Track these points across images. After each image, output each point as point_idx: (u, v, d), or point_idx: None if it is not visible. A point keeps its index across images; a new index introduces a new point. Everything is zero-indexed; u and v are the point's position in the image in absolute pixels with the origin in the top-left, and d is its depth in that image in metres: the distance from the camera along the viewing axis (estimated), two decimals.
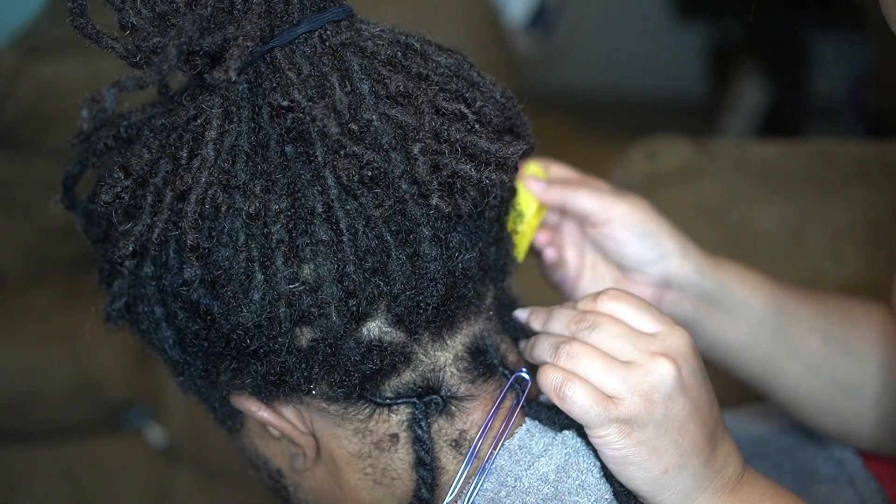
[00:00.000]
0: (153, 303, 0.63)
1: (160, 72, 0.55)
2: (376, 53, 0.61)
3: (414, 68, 0.61)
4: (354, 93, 0.59)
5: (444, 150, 0.59)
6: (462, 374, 0.64)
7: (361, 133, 0.58)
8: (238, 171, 0.58)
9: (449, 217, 0.61)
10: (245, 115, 0.59)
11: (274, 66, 0.59)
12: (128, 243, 0.59)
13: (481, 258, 0.64)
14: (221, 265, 0.58)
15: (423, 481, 0.63)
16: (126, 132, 0.64)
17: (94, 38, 0.61)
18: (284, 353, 0.60)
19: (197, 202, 0.57)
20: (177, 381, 0.68)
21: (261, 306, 0.58)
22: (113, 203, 0.60)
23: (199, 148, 0.58)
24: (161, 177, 0.59)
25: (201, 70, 0.59)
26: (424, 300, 0.60)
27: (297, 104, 0.58)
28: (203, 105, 0.59)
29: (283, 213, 0.58)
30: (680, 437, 0.60)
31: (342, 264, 0.58)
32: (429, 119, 0.59)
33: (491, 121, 0.62)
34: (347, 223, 0.58)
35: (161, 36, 0.58)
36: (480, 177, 0.59)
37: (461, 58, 0.65)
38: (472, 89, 0.63)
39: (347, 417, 0.64)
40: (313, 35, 0.60)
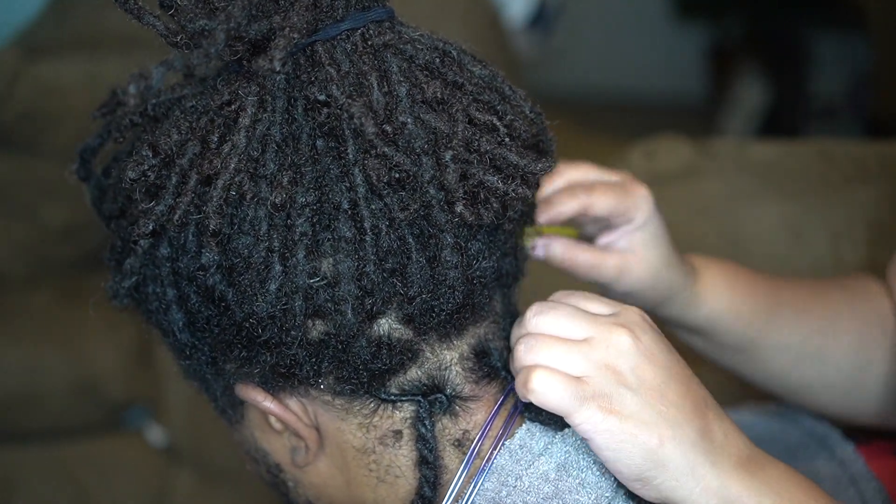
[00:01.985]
0: (166, 284, 0.62)
1: (207, 55, 0.56)
2: (415, 57, 0.61)
3: (450, 76, 0.62)
4: (391, 94, 0.59)
5: (473, 160, 0.60)
6: (467, 375, 0.65)
7: (395, 135, 0.58)
8: (267, 160, 0.58)
9: (469, 226, 0.61)
10: (279, 106, 0.59)
11: (313, 60, 0.59)
12: (148, 222, 0.59)
13: (497, 268, 0.64)
14: (240, 253, 0.59)
15: (426, 479, 0.64)
16: (153, 110, 0.64)
17: (135, 14, 0.60)
18: (295, 346, 0.60)
19: (223, 187, 0.58)
20: (180, 365, 0.68)
21: (276, 297, 0.58)
22: (139, 180, 0.60)
23: (230, 133, 0.58)
24: (188, 158, 0.59)
25: (241, 57, 0.59)
26: (440, 305, 0.60)
27: (334, 100, 0.58)
28: (240, 91, 0.59)
29: (309, 206, 0.58)
30: (663, 407, 0.59)
31: (362, 262, 0.58)
32: (462, 128, 0.60)
33: (520, 135, 0.63)
34: (372, 222, 0.58)
35: (208, 19, 0.58)
36: (507, 189, 0.60)
37: (495, 70, 0.65)
38: (504, 102, 0.63)
39: (352, 411, 0.64)
40: (355, 33, 0.60)
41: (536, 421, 0.65)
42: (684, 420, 0.59)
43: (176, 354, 0.67)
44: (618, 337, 0.60)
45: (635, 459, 0.59)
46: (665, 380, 0.60)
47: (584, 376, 0.59)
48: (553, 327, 0.61)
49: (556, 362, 0.60)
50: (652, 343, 0.61)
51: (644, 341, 0.61)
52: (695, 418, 0.60)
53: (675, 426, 0.59)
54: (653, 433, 0.58)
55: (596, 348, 0.60)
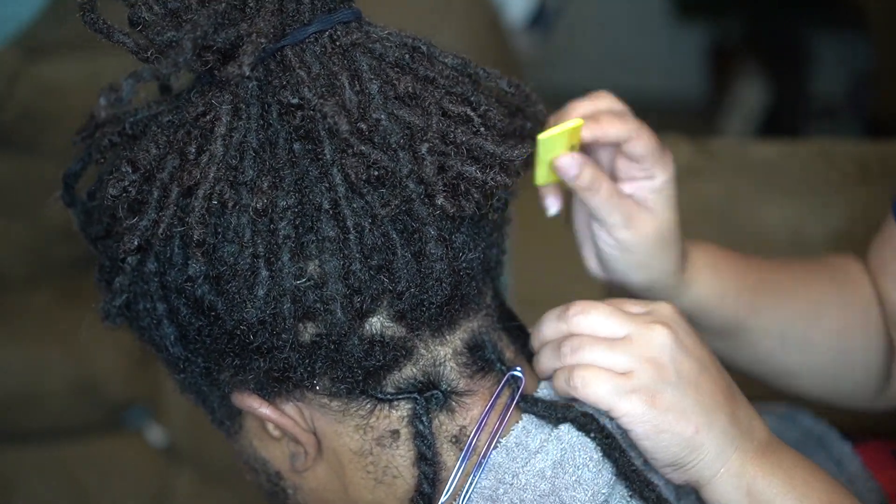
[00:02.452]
0: (156, 299, 0.63)
1: (176, 64, 0.56)
2: (384, 55, 0.61)
3: (421, 71, 0.62)
4: (363, 92, 0.59)
5: (450, 152, 0.60)
6: (461, 369, 0.65)
7: (370, 132, 0.59)
8: (246, 167, 0.59)
9: (452, 218, 0.61)
10: (254, 113, 0.59)
11: (284, 65, 0.60)
12: (133, 238, 0.60)
13: (483, 259, 0.65)
14: (226, 261, 0.59)
15: (425, 476, 0.64)
16: (131, 129, 0.64)
17: (104, 33, 0.61)
18: (288, 349, 0.60)
19: (205, 197, 0.58)
20: (176, 379, 0.68)
21: (265, 302, 0.58)
22: (120, 197, 0.60)
23: (207, 144, 0.59)
24: (168, 172, 0.59)
25: (212, 66, 0.59)
26: (429, 299, 0.61)
27: (307, 102, 0.58)
28: (213, 101, 0.59)
29: (291, 209, 0.58)
30: (699, 396, 0.62)
31: (348, 261, 0.58)
32: (436, 120, 0.60)
33: (496, 124, 0.63)
34: (354, 221, 0.58)
35: (175, 31, 0.59)
36: (485, 178, 0.60)
37: (466, 58, 0.65)
38: (478, 92, 0.64)
39: (349, 413, 0.64)
40: (323, 35, 0.61)
41: (532, 413, 0.65)
42: (716, 406, 0.63)
43: (170, 369, 0.67)
44: (657, 332, 0.64)
45: (672, 448, 0.63)
46: (700, 370, 0.64)
47: (627, 371, 0.63)
48: (595, 326, 0.64)
49: (601, 361, 0.63)
50: (687, 336, 0.65)
51: (680, 335, 0.64)
52: (725, 404, 0.64)
53: (710, 413, 0.63)
54: (690, 422, 0.62)
55: (637, 344, 0.63)
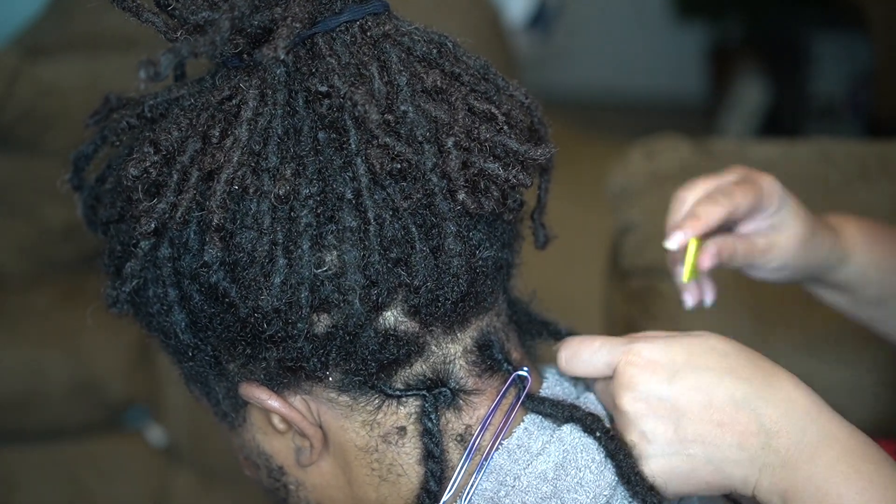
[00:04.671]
0: (168, 285, 0.62)
1: (213, 42, 0.55)
2: (412, 49, 0.62)
3: (447, 66, 0.62)
4: (392, 84, 0.59)
5: (473, 149, 0.60)
6: (470, 368, 0.65)
7: (396, 124, 0.59)
8: (269, 153, 0.58)
9: (471, 216, 0.61)
10: (280, 100, 0.59)
11: (314, 53, 0.60)
12: (150, 220, 0.59)
13: (497, 258, 0.65)
14: (244, 248, 0.59)
15: (432, 474, 0.64)
16: (150, 111, 0.64)
17: (133, 12, 0.61)
18: (302, 339, 0.60)
19: (227, 181, 0.58)
20: (182, 368, 0.67)
21: (281, 291, 0.58)
22: (140, 177, 0.60)
23: (232, 128, 0.58)
24: (189, 155, 0.59)
25: (241, 50, 0.59)
26: (444, 294, 0.61)
27: (335, 90, 0.58)
28: (241, 85, 0.59)
29: (313, 197, 0.58)
30: (690, 451, 0.62)
31: (367, 252, 0.58)
32: (462, 115, 0.60)
33: (518, 124, 0.63)
34: (375, 212, 0.58)
35: (210, 10, 0.59)
36: (508, 176, 0.60)
37: (487, 62, 0.66)
38: (499, 93, 0.64)
39: (356, 409, 0.64)
40: (354, 25, 0.61)
41: (538, 412, 0.65)
42: (715, 447, 0.61)
43: (177, 358, 0.67)
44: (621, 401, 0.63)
45: (697, 489, 0.63)
46: (677, 418, 0.62)
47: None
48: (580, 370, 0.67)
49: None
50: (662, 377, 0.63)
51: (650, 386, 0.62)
52: (723, 435, 0.61)
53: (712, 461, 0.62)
54: (696, 478, 0.62)
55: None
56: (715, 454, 0.61)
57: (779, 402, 0.61)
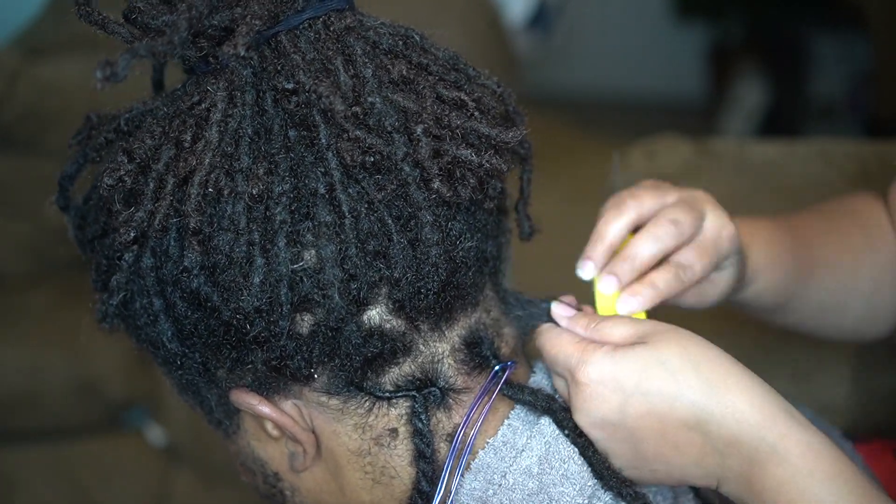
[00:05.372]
0: (152, 294, 0.63)
1: (171, 42, 0.56)
2: (378, 42, 0.62)
3: (414, 57, 0.62)
4: (358, 76, 0.60)
5: (445, 136, 0.60)
6: (459, 366, 0.65)
7: (364, 116, 0.59)
8: (241, 154, 0.59)
9: (449, 204, 0.61)
10: (249, 100, 0.60)
11: (279, 51, 0.60)
12: (129, 230, 0.60)
13: (480, 250, 0.65)
14: (222, 250, 0.59)
15: (424, 474, 0.64)
16: (126, 125, 0.64)
17: (100, 25, 0.61)
18: (285, 338, 0.60)
19: (200, 184, 0.58)
20: (173, 378, 0.68)
21: (261, 290, 0.58)
22: (116, 186, 0.60)
23: (202, 131, 0.59)
24: (163, 163, 0.60)
25: (206, 53, 0.60)
26: (425, 286, 0.61)
27: (301, 86, 0.59)
28: (208, 87, 0.60)
29: (287, 194, 0.58)
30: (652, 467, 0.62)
31: (344, 246, 0.59)
32: (430, 104, 0.60)
33: (489, 110, 0.63)
34: (350, 206, 0.59)
35: (170, 13, 0.59)
36: (481, 161, 0.60)
37: (456, 53, 0.66)
38: (470, 81, 0.64)
39: (347, 412, 0.64)
40: (317, 21, 0.61)
41: (517, 400, 0.65)
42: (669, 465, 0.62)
43: (167, 368, 0.67)
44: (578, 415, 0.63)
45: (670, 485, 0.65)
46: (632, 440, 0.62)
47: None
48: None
49: None
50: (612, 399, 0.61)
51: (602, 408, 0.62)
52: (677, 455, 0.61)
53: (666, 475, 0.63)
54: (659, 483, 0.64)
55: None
56: (675, 471, 0.62)
57: (730, 422, 0.59)
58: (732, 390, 0.60)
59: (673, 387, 0.60)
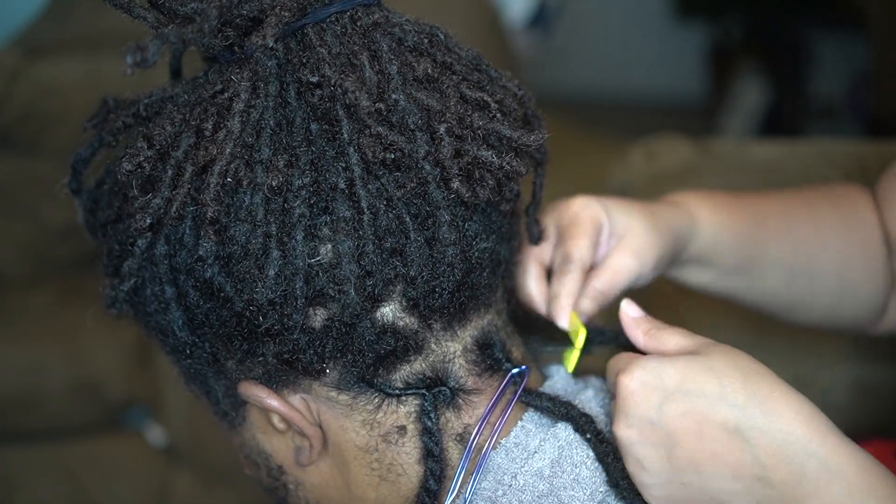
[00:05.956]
0: (164, 282, 0.62)
1: (201, 30, 0.56)
2: (403, 39, 0.62)
3: (439, 56, 0.62)
4: (383, 72, 0.60)
5: (467, 136, 0.60)
6: (470, 367, 0.65)
7: (388, 112, 0.59)
8: (262, 145, 0.59)
9: (466, 205, 0.61)
10: (272, 91, 0.60)
11: (304, 44, 0.60)
12: (145, 216, 0.60)
13: (494, 251, 0.65)
14: (238, 241, 0.59)
15: (432, 472, 0.64)
16: (146, 110, 0.64)
17: (125, 8, 0.61)
18: (298, 331, 0.60)
19: (220, 174, 0.58)
20: (182, 367, 0.68)
21: (276, 282, 0.58)
22: (134, 171, 0.60)
23: (224, 120, 0.59)
24: (183, 150, 0.60)
25: (232, 43, 0.60)
26: (440, 284, 0.61)
27: (326, 80, 0.59)
28: (232, 77, 0.59)
29: (306, 187, 0.58)
30: (684, 480, 0.59)
31: (362, 242, 0.59)
32: (454, 103, 0.60)
33: (511, 112, 0.63)
34: (369, 202, 0.59)
35: (199, 1, 0.59)
36: (502, 163, 0.60)
37: (479, 53, 0.66)
38: (492, 82, 0.64)
39: (356, 408, 0.64)
40: (344, 15, 0.61)
41: (535, 407, 0.65)
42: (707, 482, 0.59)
43: (176, 356, 0.67)
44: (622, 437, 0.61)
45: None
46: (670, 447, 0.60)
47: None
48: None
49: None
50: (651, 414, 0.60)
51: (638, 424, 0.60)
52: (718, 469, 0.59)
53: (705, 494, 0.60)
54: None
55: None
56: (710, 484, 0.59)
57: (775, 432, 0.57)
58: (779, 401, 0.58)
59: (716, 388, 0.58)
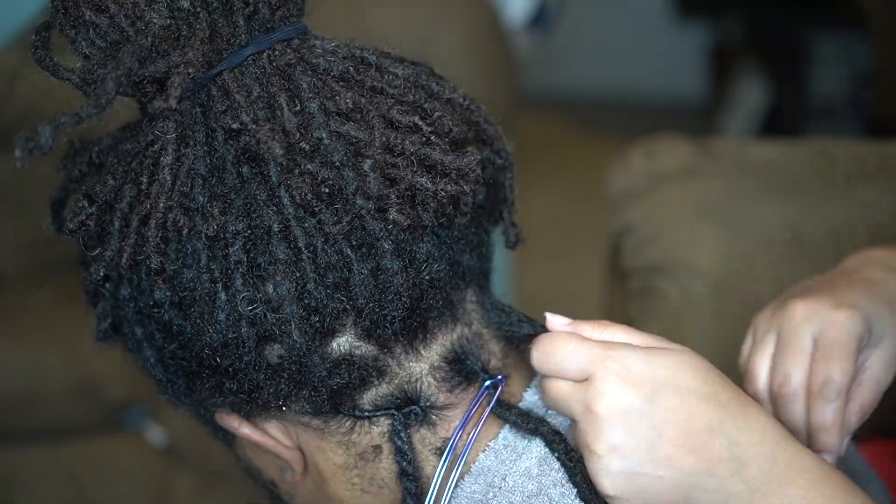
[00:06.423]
0: (133, 324, 0.63)
1: (98, 105, 0.55)
2: (328, 70, 0.61)
3: (368, 82, 0.61)
4: (304, 112, 0.59)
5: (399, 164, 0.59)
6: (440, 384, 0.64)
7: (313, 151, 0.58)
8: (196, 193, 0.59)
9: (413, 229, 0.60)
10: (200, 139, 0.59)
11: (224, 90, 0.59)
12: (99, 268, 0.60)
13: (453, 266, 0.63)
14: (187, 286, 0.59)
15: (408, 492, 0.64)
16: (98, 158, 0.65)
17: (51, 71, 0.61)
18: (252, 371, 0.60)
19: (157, 226, 0.58)
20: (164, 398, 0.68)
21: (226, 325, 0.58)
22: (78, 231, 0.61)
23: (156, 173, 0.58)
24: (126, 202, 0.60)
25: (151, 97, 0.59)
26: (390, 313, 0.60)
27: (245, 126, 0.58)
28: (157, 131, 0.59)
29: (241, 233, 0.58)
30: (659, 472, 0.59)
31: (302, 282, 0.58)
32: (379, 133, 0.59)
33: (449, 131, 0.61)
34: (306, 241, 0.58)
35: (103, 67, 0.58)
36: (436, 189, 0.59)
37: (421, 68, 0.65)
38: (431, 99, 0.62)
39: (329, 431, 0.64)
40: (262, 56, 0.60)
41: (506, 420, 0.64)
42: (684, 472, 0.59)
43: (157, 389, 0.67)
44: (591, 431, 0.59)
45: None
46: (655, 438, 0.59)
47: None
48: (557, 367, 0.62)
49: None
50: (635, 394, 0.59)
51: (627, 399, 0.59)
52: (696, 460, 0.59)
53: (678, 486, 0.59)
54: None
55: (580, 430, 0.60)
56: (682, 480, 0.59)
57: (752, 430, 0.59)
58: (752, 404, 0.60)
59: (705, 388, 0.59)
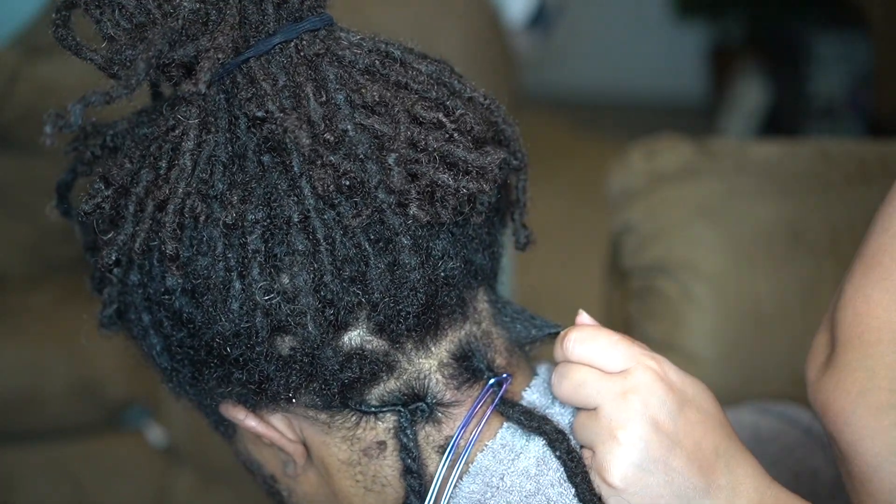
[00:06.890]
0: (141, 310, 0.63)
1: (128, 86, 0.55)
2: (354, 62, 0.60)
3: (392, 76, 0.61)
4: (329, 103, 0.58)
5: (421, 159, 0.59)
6: (447, 381, 0.64)
7: (337, 143, 0.58)
8: (216, 181, 0.58)
9: (430, 225, 0.60)
10: (222, 126, 0.59)
11: (250, 77, 0.59)
12: (111, 252, 0.60)
13: (467, 265, 0.64)
14: (201, 274, 0.59)
15: (412, 489, 0.63)
16: (112, 141, 0.64)
17: (73, 50, 0.60)
18: (263, 362, 0.60)
19: (175, 212, 0.58)
20: (167, 387, 0.68)
21: (239, 315, 0.58)
22: (93, 213, 0.60)
23: (176, 158, 0.58)
24: (143, 186, 0.59)
25: (177, 81, 0.59)
26: (405, 309, 0.60)
27: (270, 115, 0.58)
28: (179, 115, 0.58)
29: (260, 223, 0.58)
30: (668, 477, 0.60)
31: (319, 274, 0.58)
32: (405, 128, 0.59)
33: (471, 129, 0.61)
34: (324, 233, 0.58)
35: (133, 49, 0.58)
36: (458, 186, 0.59)
37: (443, 65, 0.64)
38: (453, 97, 0.62)
39: (334, 426, 0.64)
40: (289, 45, 0.60)
41: (509, 418, 0.64)
42: (689, 486, 0.60)
43: (161, 377, 0.67)
44: (622, 411, 0.60)
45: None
46: (670, 447, 0.60)
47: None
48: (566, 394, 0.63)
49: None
50: (660, 407, 0.60)
51: (652, 406, 0.60)
52: (700, 479, 0.60)
53: (680, 496, 0.60)
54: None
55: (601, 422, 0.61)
56: (685, 493, 0.60)
57: (746, 465, 0.62)
58: (744, 446, 0.64)
59: (720, 417, 0.63)
